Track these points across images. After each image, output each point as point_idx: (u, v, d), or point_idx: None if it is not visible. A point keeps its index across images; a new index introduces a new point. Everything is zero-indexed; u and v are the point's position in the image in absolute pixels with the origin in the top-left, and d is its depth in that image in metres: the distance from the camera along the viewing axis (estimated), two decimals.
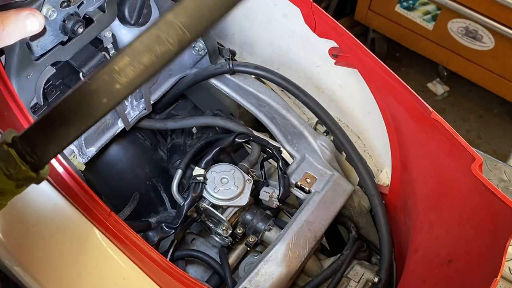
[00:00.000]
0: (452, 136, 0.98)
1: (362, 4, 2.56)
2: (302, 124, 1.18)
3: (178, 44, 0.59)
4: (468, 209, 0.97)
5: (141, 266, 0.91)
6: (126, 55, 0.60)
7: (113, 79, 0.59)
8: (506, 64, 2.30)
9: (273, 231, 1.08)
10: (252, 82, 1.21)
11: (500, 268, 0.82)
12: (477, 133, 2.56)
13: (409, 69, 2.76)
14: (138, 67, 0.59)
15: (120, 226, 0.88)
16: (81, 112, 0.59)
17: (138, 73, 0.59)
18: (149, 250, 0.87)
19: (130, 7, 1.06)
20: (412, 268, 1.04)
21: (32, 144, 0.59)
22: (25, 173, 0.58)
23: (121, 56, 0.60)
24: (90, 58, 1.08)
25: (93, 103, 0.59)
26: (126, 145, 1.23)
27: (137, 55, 0.60)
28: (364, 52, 1.07)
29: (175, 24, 0.59)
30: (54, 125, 0.60)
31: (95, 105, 0.59)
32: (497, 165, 1.48)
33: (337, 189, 1.13)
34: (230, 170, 1.09)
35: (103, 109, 0.59)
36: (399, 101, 1.06)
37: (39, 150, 0.59)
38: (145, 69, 0.59)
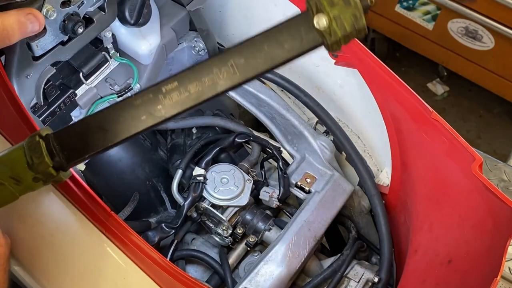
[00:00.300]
0: (452, 136, 0.98)
1: None
2: (302, 124, 1.18)
3: (225, 80, 0.60)
4: (468, 209, 0.97)
5: (141, 266, 0.91)
6: (176, 80, 0.60)
7: (157, 99, 0.60)
8: (506, 64, 2.30)
9: (273, 231, 1.08)
10: (252, 82, 1.21)
11: (500, 268, 0.82)
12: (477, 133, 2.56)
13: (409, 69, 2.76)
14: (183, 93, 0.60)
15: (120, 226, 0.88)
16: (118, 124, 0.60)
17: (182, 98, 0.60)
18: (149, 250, 0.87)
19: (130, 7, 1.06)
20: (412, 268, 1.04)
21: (62, 143, 0.60)
22: (46, 167, 0.59)
23: (171, 79, 0.60)
24: (90, 58, 1.08)
25: (132, 117, 0.60)
26: (126, 145, 1.22)
27: (186, 81, 0.60)
28: (364, 52, 1.07)
29: (228, 62, 0.60)
30: (88, 130, 0.60)
31: (133, 120, 0.60)
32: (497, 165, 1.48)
33: (337, 189, 1.13)
34: (230, 170, 1.09)
35: (140, 126, 0.60)
36: (399, 101, 1.06)
37: (67, 151, 0.60)
38: (189, 97, 0.60)
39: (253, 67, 0.61)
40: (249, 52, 0.61)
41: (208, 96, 0.60)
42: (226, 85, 0.60)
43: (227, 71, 0.60)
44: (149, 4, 1.10)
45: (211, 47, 1.24)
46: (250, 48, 0.61)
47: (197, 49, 1.26)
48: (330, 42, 0.60)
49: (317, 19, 0.60)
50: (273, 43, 0.61)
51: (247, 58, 0.61)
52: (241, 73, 0.60)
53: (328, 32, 0.60)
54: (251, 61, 0.61)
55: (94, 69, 1.10)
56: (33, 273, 0.98)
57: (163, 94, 0.60)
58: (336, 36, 0.60)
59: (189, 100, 0.60)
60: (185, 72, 0.61)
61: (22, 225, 0.96)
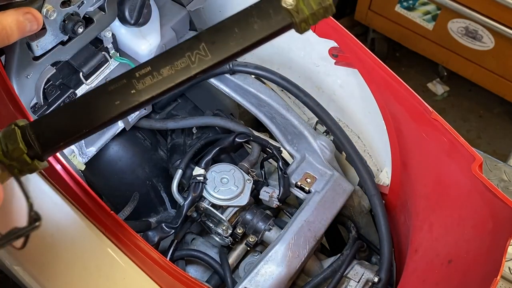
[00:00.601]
0: (452, 136, 0.98)
1: (362, 4, 2.56)
2: (302, 124, 1.18)
3: (198, 63, 0.61)
4: (468, 209, 0.97)
5: (141, 266, 0.91)
6: (149, 64, 0.62)
7: (131, 84, 0.61)
8: (506, 64, 2.30)
9: (273, 231, 1.08)
10: (252, 82, 1.21)
11: (500, 268, 0.82)
12: (477, 133, 2.56)
13: (409, 69, 2.76)
14: (156, 77, 0.61)
15: (120, 226, 0.88)
16: (91, 110, 0.61)
17: (155, 82, 0.61)
18: (149, 250, 0.87)
19: (130, 7, 1.06)
20: (412, 268, 1.04)
21: (38, 132, 0.60)
22: (20, 153, 0.59)
23: (144, 64, 0.62)
24: (90, 58, 1.08)
25: (105, 103, 0.60)
26: (126, 145, 1.23)
27: (159, 65, 0.61)
28: (364, 52, 1.07)
29: (200, 45, 0.62)
30: (63, 119, 0.61)
31: (106, 106, 0.60)
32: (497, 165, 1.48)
33: (337, 189, 1.13)
34: (230, 170, 1.09)
35: (114, 111, 0.60)
36: (399, 101, 1.06)
37: (43, 140, 0.60)
38: (163, 80, 0.61)
39: (224, 50, 0.62)
40: (220, 35, 0.62)
41: (181, 79, 0.61)
42: (199, 68, 0.61)
43: (199, 54, 0.61)
44: (149, 4, 1.10)
45: None
46: (221, 31, 0.62)
47: None
48: (298, 20, 0.62)
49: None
50: (243, 25, 0.62)
51: (218, 41, 0.62)
52: (213, 56, 0.62)
53: (296, 11, 0.62)
54: (222, 44, 0.62)
55: (94, 69, 1.10)
56: (33, 273, 0.99)
57: (136, 78, 0.61)
58: (303, 14, 0.62)
59: (163, 84, 0.61)
60: (158, 57, 0.62)
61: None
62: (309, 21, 0.63)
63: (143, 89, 0.61)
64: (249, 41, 0.63)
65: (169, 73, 0.61)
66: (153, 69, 0.61)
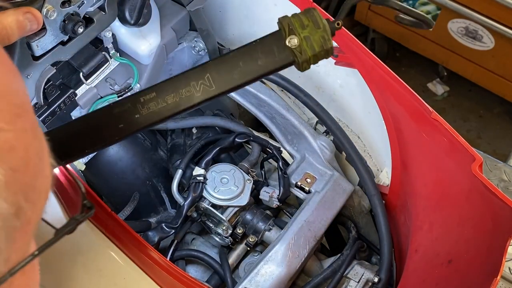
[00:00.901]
0: (452, 136, 0.98)
1: (362, 4, 2.56)
2: (302, 124, 1.18)
3: (202, 93, 0.64)
4: (468, 209, 0.97)
5: (141, 266, 0.91)
6: (154, 90, 0.63)
7: (135, 108, 0.62)
8: (506, 64, 2.30)
9: (273, 231, 1.08)
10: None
11: (500, 268, 0.82)
12: (477, 133, 2.56)
13: (409, 69, 2.76)
14: (161, 104, 0.63)
15: (120, 226, 0.88)
16: (94, 131, 0.62)
17: (159, 108, 0.63)
18: (149, 250, 0.87)
19: (130, 7, 1.06)
20: (412, 268, 1.04)
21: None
22: None
23: (149, 90, 0.63)
24: (90, 58, 1.08)
25: (109, 125, 0.62)
26: (126, 145, 1.23)
27: (164, 92, 0.63)
28: (364, 52, 1.07)
29: (205, 75, 0.64)
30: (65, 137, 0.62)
31: (110, 128, 0.62)
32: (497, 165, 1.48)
33: (337, 189, 1.13)
34: (230, 170, 1.09)
35: (117, 134, 0.62)
36: (399, 101, 1.06)
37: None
38: (166, 107, 0.63)
39: (228, 81, 0.65)
40: (225, 67, 0.65)
41: (184, 107, 0.64)
42: (202, 97, 0.64)
43: (204, 84, 0.64)
44: (149, 4, 1.10)
45: (211, 47, 1.24)
46: (226, 63, 0.65)
47: (197, 49, 1.26)
48: (300, 60, 0.65)
49: (289, 39, 0.65)
50: (247, 60, 0.65)
51: (223, 72, 0.64)
52: (217, 87, 0.64)
53: (299, 51, 0.64)
54: (226, 76, 0.65)
55: (94, 69, 1.10)
56: None
57: (141, 103, 0.63)
58: (306, 55, 0.65)
59: (166, 110, 0.63)
60: (163, 83, 0.64)
61: None
62: (310, 61, 0.66)
63: (147, 114, 0.63)
64: (252, 76, 0.65)
65: (173, 100, 0.63)
66: (158, 95, 0.63)
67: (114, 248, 0.91)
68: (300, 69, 0.66)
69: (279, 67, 0.66)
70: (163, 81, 0.64)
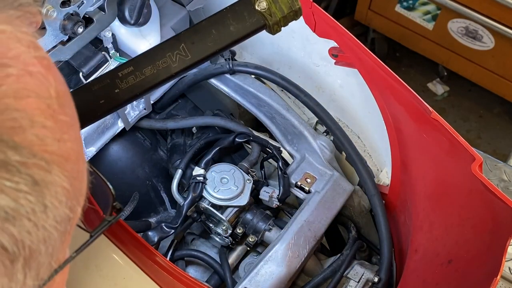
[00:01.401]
0: (452, 136, 0.98)
1: (362, 4, 2.56)
2: (302, 124, 1.18)
3: (178, 63, 0.65)
4: (468, 209, 0.97)
5: (141, 266, 0.91)
6: (131, 65, 0.64)
7: (114, 84, 0.63)
8: (506, 64, 2.30)
9: (273, 231, 1.08)
10: (252, 82, 1.21)
11: (500, 268, 0.82)
12: (477, 133, 2.56)
13: (409, 69, 2.76)
14: (139, 77, 0.64)
15: (120, 226, 0.88)
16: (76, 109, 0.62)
17: (138, 81, 0.64)
18: (149, 250, 0.87)
19: (130, 7, 1.06)
20: (412, 268, 1.04)
21: None
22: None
23: (126, 64, 0.64)
24: (90, 58, 1.08)
25: (89, 102, 0.62)
26: (126, 145, 1.22)
27: (141, 65, 0.64)
28: (364, 52, 1.07)
29: (180, 45, 0.65)
30: None
31: (91, 105, 0.62)
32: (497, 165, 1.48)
33: (337, 189, 1.13)
34: (230, 170, 1.09)
35: (99, 110, 0.62)
36: (399, 101, 1.06)
37: None
38: (145, 79, 0.64)
39: (203, 50, 0.66)
40: (199, 36, 0.66)
41: (162, 78, 0.65)
42: (179, 67, 0.65)
43: (180, 54, 0.65)
44: (149, 4, 1.10)
45: None
46: (199, 32, 0.66)
47: None
48: (271, 23, 0.67)
49: (258, 3, 0.66)
50: (220, 27, 0.67)
51: (197, 41, 0.66)
52: (192, 56, 0.66)
53: (269, 14, 0.66)
54: (201, 44, 0.66)
55: (94, 69, 1.10)
56: None
57: (119, 78, 0.64)
58: (275, 17, 0.67)
59: (145, 82, 0.64)
60: (140, 57, 0.65)
61: None
62: (280, 23, 0.68)
63: (126, 88, 0.63)
64: (225, 42, 0.67)
65: (151, 73, 0.64)
66: (136, 69, 0.64)
67: (114, 248, 0.91)
68: (271, 32, 0.68)
69: (251, 31, 0.67)
70: (139, 55, 0.66)
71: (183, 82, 1.24)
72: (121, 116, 1.16)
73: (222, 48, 0.67)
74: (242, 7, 0.67)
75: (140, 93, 0.64)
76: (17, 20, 0.32)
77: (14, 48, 0.32)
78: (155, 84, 0.65)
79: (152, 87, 0.65)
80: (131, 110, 1.19)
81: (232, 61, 1.19)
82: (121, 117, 1.16)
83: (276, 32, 0.68)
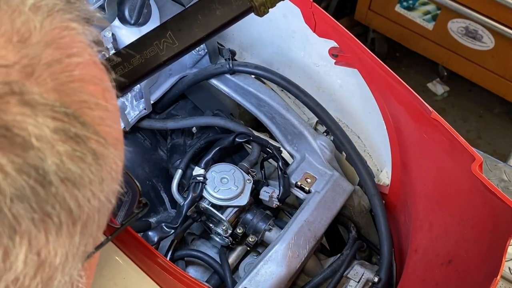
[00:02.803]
0: (452, 136, 0.98)
1: (362, 4, 2.56)
2: (302, 124, 1.18)
3: (166, 51, 0.64)
4: (468, 209, 0.97)
5: (141, 266, 0.91)
6: (119, 56, 0.64)
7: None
8: (506, 64, 2.30)
9: (273, 231, 1.08)
10: (252, 82, 1.21)
11: (500, 268, 0.82)
12: (477, 133, 2.56)
13: (409, 69, 2.76)
14: (127, 67, 0.64)
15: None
16: None
17: (127, 72, 0.64)
18: (149, 250, 0.87)
19: (130, 7, 1.06)
20: (412, 268, 1.04)
21: None
22: None
23: (115, 55, 0.64)
24: None
25: None
26: (126, 144, 1.22)
27: (128, 56, 0.64)
28: (364, 52, 1.07)
29: (166, 33, 0.65)
30: None
31: None
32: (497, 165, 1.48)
33: (337, 189, 1.13)
34: (230, 170, 1.09)
35: None
36: (399, 101, 1.06)
37: None
38: (134, 69, 0.63)
39: (190, 36, 0.65)
40: (185, 22, 0.65)
41: (151, 67, 0.64)
42: (167, 54, 0.65)
43: (167, 42, 0.64)
44: (149, 4, 1.10)
45: (211, 47, 1.24)
46: (185, 18, 0.65)
47: (197, 48, 1.26)
48: (257, 4, 0.66)
49: None
50: (206, 12, 0.65)
51: (183, 28, 0.65)
52: (180, 43, 0.65)
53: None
54: (187, 31, 0.65)
55: None
56: None
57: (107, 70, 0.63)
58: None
59: (134, 73, 0.63)
60: (127, 47, 0.65)
61: None
62: (267, 4, 0.67)
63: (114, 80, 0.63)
64: (213, 27, 0.66)
65: (139, 62, 0.64)
66: (124, 60, 0.63)
67: (114, 248, 0.91)
68: (259, 14, 0.67)
69: (238, 14, 0.66)
70: (127, 45, 0.65)
71: (183, 82, 1.24)
72: (121, 116, 1.16)
73: (209, 33, 0.66)
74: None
75: (130, 84, 0.64)
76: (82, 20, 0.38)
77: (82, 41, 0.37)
78: (144, 74, 0.64)
79: (141, 77, 0.64)
80: (131, 110, 1.19)
81: (232, 61, 1.19)
82: (121, 117, 1.16)
83: (263, 14, 0.67)
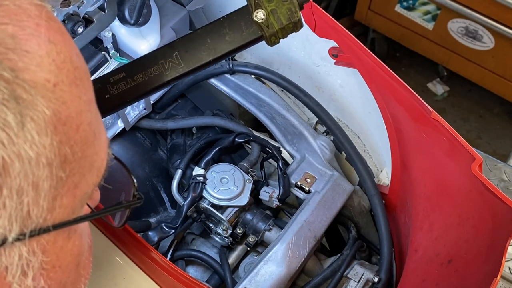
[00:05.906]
0: (452, 136, 0.98)
1: (362, 4, 2.56)
2: (302, 124, 1.18)
3: (171, 71, 0.64)
4: (468, 209, 0.97)
5: (141, 266, 0.91)
6: (123, 70, 0.63)
7: (105, 89, 0.62)
8: (506, 64, 2.30)
9: (273, 231, 1.08)
10: (252, 82, 1.21)
11: (500, 268, 0.82)
12: (477, 133, 2.56)
13: (409, 69, 2.76)
14: (130, 83, 0.63)
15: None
16: None
17: (129, 88, 0.63)
18: (149, 250, 0.87)
19: (130, 7, 1.06)
20: (412, 268, 1.04)
21: None
22: None
23: (118, 70, 0.63)
24: (90, 58, 1.08)
25: None
26: (125, 145, 1.22)
27: (132, 72, 0.63)
28: (364, 52, 1.07)
29: (173, 53, 0.64)
30: None
31: None
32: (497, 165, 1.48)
33: (337, 189, 1.13)
34: (230, 170, 1.09)
35: None
36: (399, 101, 1.06)
37: None
38: (136, 86, 0.63)
39: (196, 59, 0.65)
40: (193, 44, 0.65)
41: (154, 86, 0.63)
42: (171, 75, 0.64)
43: (172, 62, 0.64)
44: (149, 4, 1.10)
45: None
46: (193, 40, 0.65)
47: None
48: (268, 34, 0.65)
49: (256, 13, 0.64)
50: (215, 36, 0.65)
51: (191, 50, 0.64)
52: (185, 64, 0.64)
53: (266, 25, 0.64)
54: (194, 53, 0.64)
55: (94, 69, 1.10)
56: None
57: (110, 84, 0.63)
58: (273, 28, 0.65)
59: (136, 89, 0.63)
60: (132, 63, 0.64)
61: None
62: (278, 35, 0.65)
63: (117, 94, 0.62)
64: (220, 52, 0.65)
65: (143, 79, 0.63)
66: (127, 75, 0.63)
67: (114, 248, 0.91)
68: (269, 44, 0.66)
69: (247, 42, 0.65)
70: (132, 61, 0.65)
71: (183, 82, 1.24)
72: (121, 116, 1.16)
73: (216, 58, 0.65)
74: (240, 16, 0.65)
75: (130, 100, 0.63)
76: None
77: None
78: (146, 92, 0.64)
79: (143, 95, 0.64)
80: (131, 110, 1.19)
81: (232, 61, 1.19)
82: (121, 117, 1.16)
83: (274, 43, 0.66)
